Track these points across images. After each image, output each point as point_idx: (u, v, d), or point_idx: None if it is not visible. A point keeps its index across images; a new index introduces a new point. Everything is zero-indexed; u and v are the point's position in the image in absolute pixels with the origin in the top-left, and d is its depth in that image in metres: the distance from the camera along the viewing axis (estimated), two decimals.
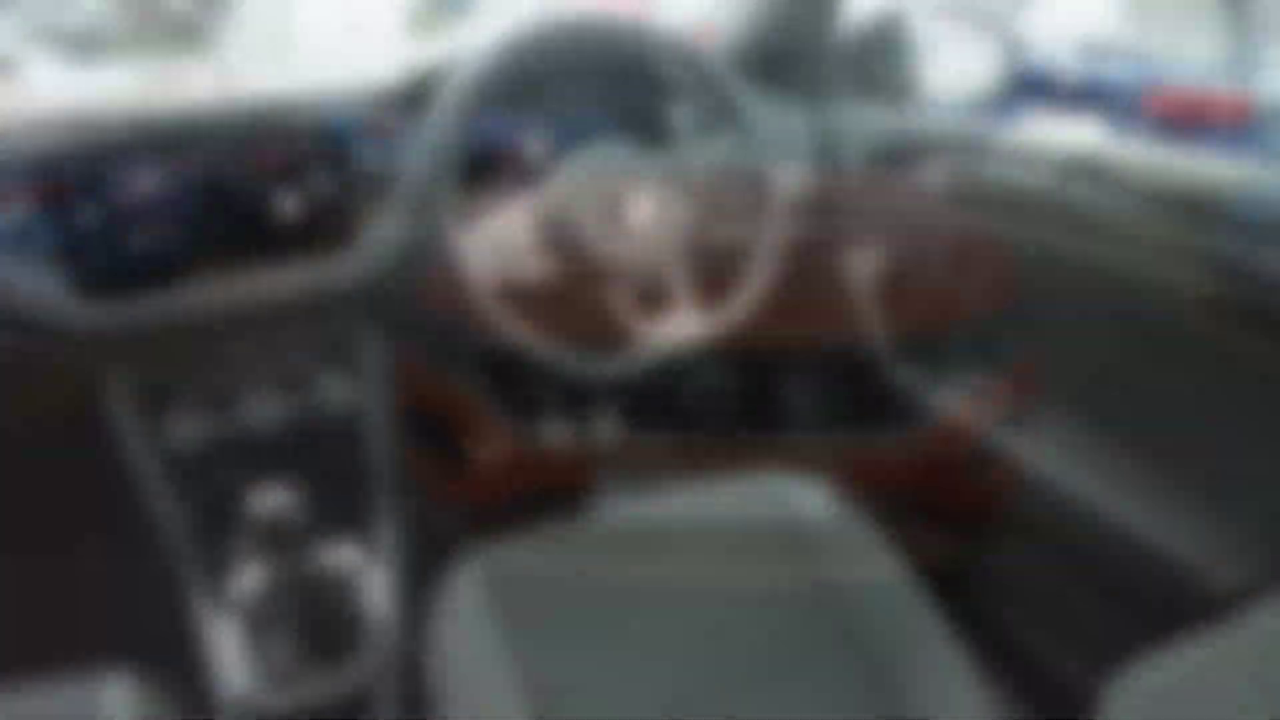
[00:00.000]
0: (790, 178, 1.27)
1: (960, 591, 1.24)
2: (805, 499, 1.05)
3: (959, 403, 1.14)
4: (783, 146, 1.29)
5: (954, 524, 1.27)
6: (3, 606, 1.59)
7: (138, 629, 1.27)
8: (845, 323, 1.27)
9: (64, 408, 1.02)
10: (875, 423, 1.32)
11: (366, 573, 1.04)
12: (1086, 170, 0.97)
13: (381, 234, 1.05)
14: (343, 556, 1.04)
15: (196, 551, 1.03)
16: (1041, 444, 1.04)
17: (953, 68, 1.36)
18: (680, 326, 0.99)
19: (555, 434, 1.87)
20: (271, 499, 0.83)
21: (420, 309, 1.11)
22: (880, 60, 1.40)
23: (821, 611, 0.93)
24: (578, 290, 0.96)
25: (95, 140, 0.93)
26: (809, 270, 1.31)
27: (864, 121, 1.27)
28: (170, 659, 1.01)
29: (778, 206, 1.04)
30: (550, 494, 1.86)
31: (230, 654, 0.96)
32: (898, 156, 1.25)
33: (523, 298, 1.05)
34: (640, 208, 0.94)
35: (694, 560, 0.97)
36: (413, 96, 1.07)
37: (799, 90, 1.39)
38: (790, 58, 1.40)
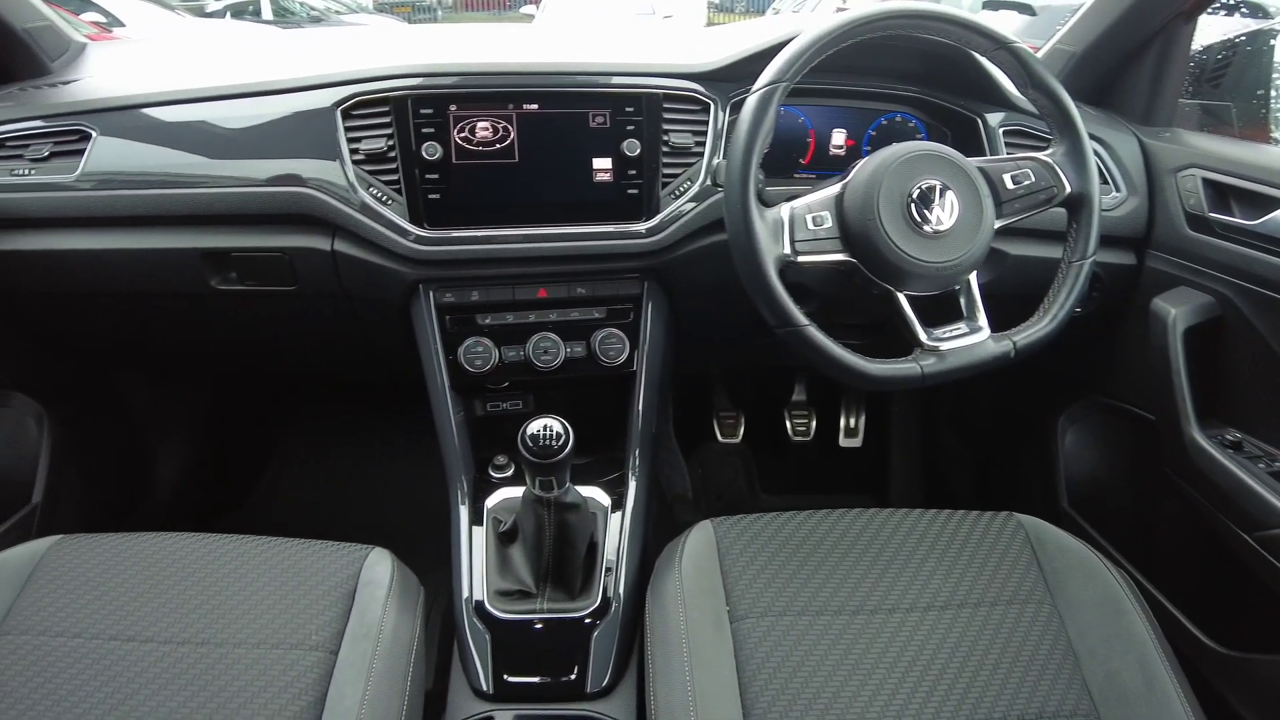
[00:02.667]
0: (1109, 201, 1.17)
1: (1212, 685, 1.09)
2: (1059, 542, 0.96)
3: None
4: (1106, 169, 1.18)
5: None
6: (306, 482, 1.86)
7: (406, 519, 1.43)
8: None
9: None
10: None
11: (611, 516, 1.08)
12: None
13: (681, 204, 1.08)
14: (593, 496, 1.10)
15: (466, 462, 1.12)
16: None
17: None
18: (969, 341, 0.91)
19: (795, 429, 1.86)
20: (541, 429, 0.87)
21: (702, 281, 1.14)
22: (1234, 88, 1.25)
23: (1053, 654, 0.84)
24: (865, 285, 0.94)
25: (438, 87, 1.03)
26: None
27: (1201, 156, 1.13)
28: (427, 553, 1.12)
29: (1094, 229, 0.96)
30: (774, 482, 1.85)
31: (477, 561, 1.03)
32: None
33: (807, 286, 1.03)
34: (943, 208, 0.90)
35: (925, 573, 0.92)
36: (727, 77, 1.09)
37: (1132, 115, 1.26)
38: (1126, 80, 1.28)
